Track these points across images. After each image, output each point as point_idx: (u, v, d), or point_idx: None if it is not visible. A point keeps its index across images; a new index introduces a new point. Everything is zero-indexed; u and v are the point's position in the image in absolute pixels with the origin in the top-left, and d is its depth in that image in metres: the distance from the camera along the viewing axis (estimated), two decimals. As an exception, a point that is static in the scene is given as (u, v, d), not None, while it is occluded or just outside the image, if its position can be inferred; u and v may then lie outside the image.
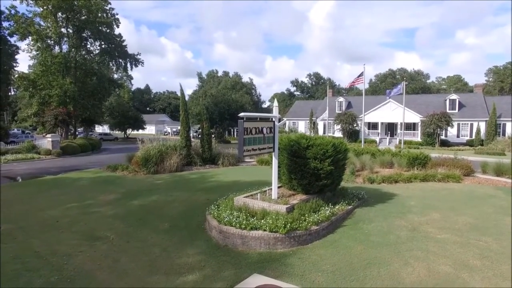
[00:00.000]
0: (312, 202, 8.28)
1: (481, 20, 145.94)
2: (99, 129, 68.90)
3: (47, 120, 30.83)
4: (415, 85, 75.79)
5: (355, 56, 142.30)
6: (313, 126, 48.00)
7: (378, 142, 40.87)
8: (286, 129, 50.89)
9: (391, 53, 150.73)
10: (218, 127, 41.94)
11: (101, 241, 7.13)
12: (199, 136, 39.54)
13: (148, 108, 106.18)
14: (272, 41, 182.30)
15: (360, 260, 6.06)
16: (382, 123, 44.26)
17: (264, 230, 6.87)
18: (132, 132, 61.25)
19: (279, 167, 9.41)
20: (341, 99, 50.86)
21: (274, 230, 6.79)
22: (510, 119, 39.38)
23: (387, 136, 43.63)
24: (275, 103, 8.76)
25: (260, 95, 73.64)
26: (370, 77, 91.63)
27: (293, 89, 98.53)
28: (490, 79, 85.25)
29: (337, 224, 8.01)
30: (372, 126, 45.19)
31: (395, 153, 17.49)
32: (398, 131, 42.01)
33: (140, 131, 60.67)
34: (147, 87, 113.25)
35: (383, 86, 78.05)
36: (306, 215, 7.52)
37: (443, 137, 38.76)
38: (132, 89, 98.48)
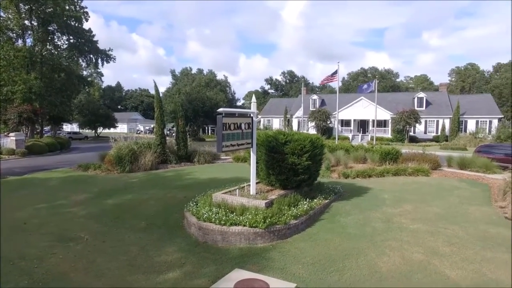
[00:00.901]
0: (290, 197, 8.38)
1: (443, 22, 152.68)
2: (68, 127, 66.11)
3: (10, 118, 29.11)
4: (386, 83, 78.39)
5: (327, 54, 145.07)
6: (288, 123, 48.51)
7: (351, 138, 41.96)
8: (261, 126, 51.13)
9: (362, 52, 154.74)
10: (192, 125, 41.39)
11: (74, 242, 6.85)
12: (173, 134, 39.09)
13: (119, 106, 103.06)
14: (246, 39, 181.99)
15: (338, 252, 6.21)
16: (354, 120, 45.47)
17: (244, 226, 6.88)
18: (103, 131, 59.26)
19: (257, 163, 9.43)
20: (315, 96, 51.75)
21: (254, 225, 6.81)
22: (471, 116, 41.63)
23: (360, 132, 44.91)
24: (253, 99, 8.77)
25: (234, 93, 73.35)
26: (343, 75, 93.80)
27: (267, 87, 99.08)
28: (453, 79, 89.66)
29: (315, 218, 8.15)
30: (345, 123, 46.31)
31: (368, 148, 18.01)
32: (370, 128, 43.30)
33: (112, 130, 58.78)
34: (118, 84, 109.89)
35: (355, 84, 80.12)
36: (285, 209, 7.61)
37: (411, 133, 40.43)
38: (103, 87, 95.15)
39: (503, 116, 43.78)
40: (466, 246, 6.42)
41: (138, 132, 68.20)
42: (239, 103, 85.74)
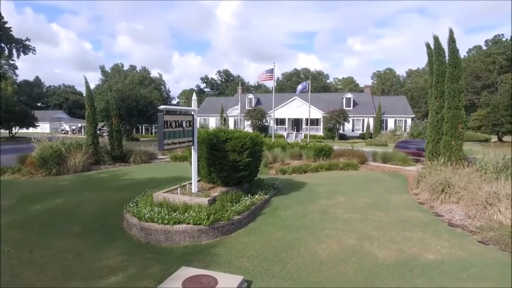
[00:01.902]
0: (232, 193, 8.55)
1: (365, 30, 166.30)
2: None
3: None
4: (317, 84, 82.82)
5: (261, 55, 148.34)
6: (224, 122, 48.66)
7: (285, 136, 43.59)
8: (197, 125, 50.37)
9: (294, 54, 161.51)
10: (125, 124, 39.23)
11: (-7, 256, 6.12)
12: (103, 134, 36.62)
13: (40, 104, 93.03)
14: (180, 36, 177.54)
15: (281, 243, 6.55)
16: (289, 119, 47.36)
17: (188, 223, 6.87)
18: (21, 131, 53.03)
19: (198, 160, 9.44)
20: (250, 96, 52.70)
21: (198, 222, 6.84)
22: (391, 115, 46.25)
23: (294, 131, 46.92)
24: (194, 97, 8.74)
25: (169, 91, 71.19)
26: (277, 75, 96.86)
27: (203, 85, 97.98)
28: (375, 81, 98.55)
29: (257, 213, 8.43)
30: (280, 121, 48.00)
31: (303, 145, 19.02)
32: (304, 126, 45.53)
33: (31, 130, 52.90)
34: (38, 79, 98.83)
35: (289, 84, 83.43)
36: (228, 206, 7.76)
37: (341, 131, 43.44)
38: (18, 81, 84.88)
39: (414, 115, 49.39)
40: (390, 229, 7.25)
41: (64, 132, 62.36)
42: (174, 102, 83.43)
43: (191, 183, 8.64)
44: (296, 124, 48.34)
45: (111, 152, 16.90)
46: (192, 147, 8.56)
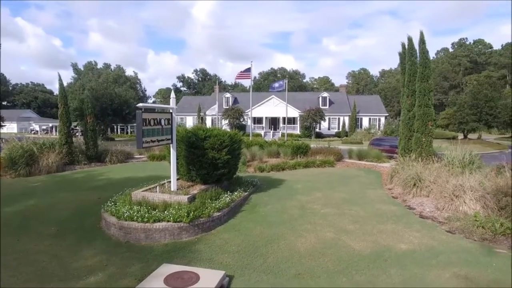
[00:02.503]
0: (211, 191, 8.59)
1: (340, 31, 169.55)
2: None
3: None
4: (294, 83, 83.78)
5: (237, 54, 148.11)
6: (202, 121, 48.31)
7: (263, 135, 43.87)
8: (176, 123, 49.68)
9: (271, 53, 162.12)
10: (100, 124, 38.15)
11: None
12: (76, 134, 35.43)
13: (5, 103, 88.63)
14: (154, 35, 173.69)
15: (261, 239, 6.66)
16: (266, 118, 47.65)
17: (168, 221, 6.86)
18: (-17, 131, 50.35)
19: (177, 159, 9.41)
20: (228, 95, 52.56)
21: (178, 220, 6.84)
22: (365, 114, 47.52)
23: (271, 129, 47.27)
24: (172, 95, 8.68)
25: (145, 90, 69.75)
26: (254, 75, 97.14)
27: (179, 84, 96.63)
28: (350, 81, 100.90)
29: (236, 210, 8.52)
30: (257, 120, 48.20)
31: (281, 144, 19.25)
32: (281, 125, 45.98)
33: (-4, 130, 50.35)
34: (2, 76, 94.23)
35: (266, 83, 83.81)
36: (208, 203, 7.80)
37: (317, 129, 44.17)
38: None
39: (388, 114, 51.00)
40: (366, 223, 7.53)
41: (33, 132, 59.75)
42: (150, 101, 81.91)
43: (170, 181, 8.60)
44: (274, 123, 48.73)
45: (86, 152, 16.45)
46: (171, 145, 8.52)
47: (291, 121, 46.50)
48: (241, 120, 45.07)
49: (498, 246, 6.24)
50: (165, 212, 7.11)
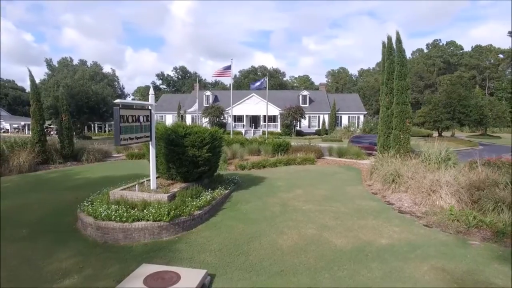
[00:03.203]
0: (192, 189, 8.45)
1: (319, 31, 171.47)
2: None
3: None
4: (274, 81, 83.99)
5: (218, 52, 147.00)
6: (182, 119, 47.66)
7: (244, 133, 43.72)
8: (155, 120, 48.73)
9: (251, 52, 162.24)
10: (76, 122, 36.92)
11: None
12: (51, 133, 34.13)
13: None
14: (133, 32, 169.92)
15: (242, 236, 6.61)
16: (247, 116, 47.58)
17: (148, 220, 6.70)
18: None
19: (156, 157, 9.21)
20: (208, 93, 52.11)
21: (158, 219, 6.69)
22: (345, 112, 48.29)
23: (252, 128, 47.24)
24: (151, 91, 8.48)
25: (123, 88, 68.07)
26: (234, 73, 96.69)
27: (158, 82, 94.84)
28: (329, 80, 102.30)
29: (217, 208, 8.42)
30: (238, 118, 48.05)
31: (262, 141, 19.25)
32: (261, 123, 46.03)
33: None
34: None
35: (246, 81, 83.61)
36: (188, 201, 7.68)
37: (298, 127, 44.53)
38: None
39: (366, 112, 52.02)
40: (347, 219, 7.62)
41: (4, 131, 57.12)
42: (128, 99, 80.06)
43: (149, 180, 8.41)
44: (254, 121, 48.73)
45: (61, 151, 15.86)
46: (150, 142, 8.33)
47: (272, 119, 46.64)
48: (222, 118, 44.83)
49: (472, 238, 6.46)
50: (145, 211, 6.93)
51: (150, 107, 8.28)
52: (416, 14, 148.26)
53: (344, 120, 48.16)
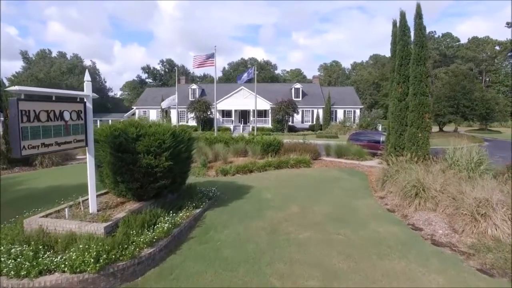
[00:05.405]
0: (145, 212, 6.08)
1: (310, 25, 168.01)
2: None
3: None
4: (265, 74, 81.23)
5: (207, 47, 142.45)
6: (166, 114, 44.77)
7: (232, 129, 41.24)
8: (136, 118, 45.96)
9: (241, 46, 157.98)
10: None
11: None
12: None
13: None
14: (121, 26, 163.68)
15: (208, 295, 4.26)
16: (235, 111, 44.83)
17: (63, 272, 4.37)
18: None
19: (100, 166, 6.85)
20: (194, 86, 49.10)
21: (79, 269, 4.36)
22: (340, 106, 46.01)
23: (241, 123, 44.66)
24: (87, 77, 5.99)
25: (105, 81, 64.50)
26: (224, 65, 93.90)
27: (144, 76, 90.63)
28: (322, 74, 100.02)
29: (181, 238, 6.08)
30: (226, 113, 45.37)
31: (249, 140, 16.78)
32: (251, 118, 43.33)
33: None
34: None
35: (235, 74, 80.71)
36: (135, 234, 5.33)
37: (290, 123, 42.05)
38: None
39: (362, 106, 49.81)
40: (363, 257, 5.29)
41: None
42: (111, 94, 76.90)
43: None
44: (244, 116, 46.08)
45: (6, 153, 13.24)
46: (86, 148, 5.92)
47: (262, 114, 44.11)
48: (209, 113, 41.95)
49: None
50: (65, 253, 4.62)
51: (84, 99, 5.86)
52: (405, 9, 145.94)
53: (340, 115, 45.79)
